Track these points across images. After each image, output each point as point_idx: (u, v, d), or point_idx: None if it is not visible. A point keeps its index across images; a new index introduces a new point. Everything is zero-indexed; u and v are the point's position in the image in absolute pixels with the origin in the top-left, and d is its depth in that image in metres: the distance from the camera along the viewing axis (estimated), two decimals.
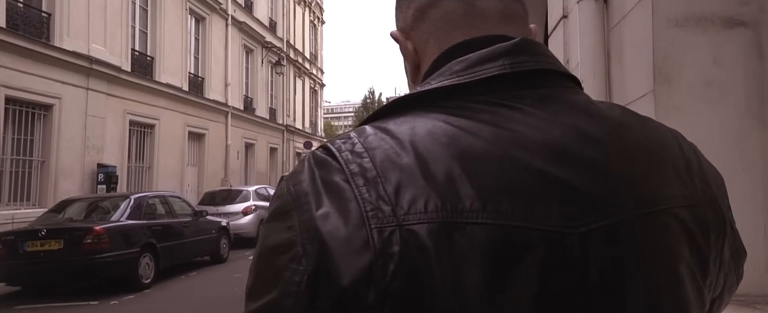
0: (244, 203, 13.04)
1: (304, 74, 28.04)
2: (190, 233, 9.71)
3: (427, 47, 0.65)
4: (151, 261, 8.46)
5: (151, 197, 9.54)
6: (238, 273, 9.61)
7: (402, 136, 0.53)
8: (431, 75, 0.60)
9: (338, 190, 0.51)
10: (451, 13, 0.63)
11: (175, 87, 15.49)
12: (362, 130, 0.55)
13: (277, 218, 0.53)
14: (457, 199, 0.48)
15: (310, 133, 28.61)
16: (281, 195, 0.54)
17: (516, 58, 0.57)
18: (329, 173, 0.52)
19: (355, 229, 0.48)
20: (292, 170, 0.57)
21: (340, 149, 0.53)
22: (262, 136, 22.15)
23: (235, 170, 19.05)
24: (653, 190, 0.54)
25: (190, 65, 16.90)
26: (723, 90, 1.87)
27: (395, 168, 0.50)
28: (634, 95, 2.08)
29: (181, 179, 15.82)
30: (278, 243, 0.51)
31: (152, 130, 14.64)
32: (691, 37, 1.88)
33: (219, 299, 7.71)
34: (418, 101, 0.57)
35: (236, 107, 19.39)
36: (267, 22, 22.76)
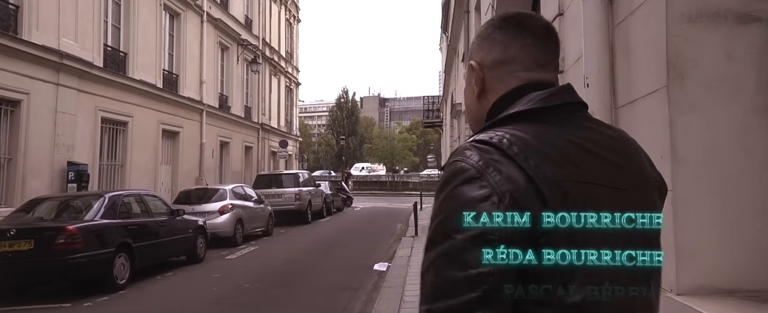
0: (220, 201, 12.81)
1: (279, 73, 27.76)
2: (167, 233, 9.49)
3: (495, 83, 1.01)
4: (126, 261, 8.22)
5: (126, 195, 9.28)
6: (216, 273, 9.43)
7: (527, 135, 0.88)
8: (514, 101, 0.96)
9: (505, 164, 0.85)
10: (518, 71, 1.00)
11: (149, 84, 15.14)
12: (500, 131, 0.90)
13: (468, 182, 0.84)
14: (567, 169, 0.87)
15: (285, 132, 28.34)
16: (463, 169, 0.85)
17: (571, 95, 0.97)
18: (494, 154, 0.86)
19: (527, 182, 0.84)
20: (457, 155, 0.88)
21: (499, 141, 0.87)
22: (238, 134, 21.85)
23: (210, 169, 18.74)
24: (644, 170, 0.97)
25: (165, 62, 16.54)
26: (735, 86, 1.88)
27: (532, 152, 0.86)
28: (643, 91, 2.07)
29: (155, 177, 15.46)
30: (477, 196, 0.83)
31: (125, 127, 14.28)
32: (704, 32, 1.89)
33: (196, 300, 7.54)
34: (520, 117, 0.93)
35: (211, 105, 19.07)
36: (243, 20, 22.46)
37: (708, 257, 1.86)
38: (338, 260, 10.72)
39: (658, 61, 1.95)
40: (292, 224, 16.91)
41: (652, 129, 1.96)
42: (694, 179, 1.88)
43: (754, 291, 1.86)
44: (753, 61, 1.88)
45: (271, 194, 16.73)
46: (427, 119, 33.46)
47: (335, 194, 23.66)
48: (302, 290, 7.97)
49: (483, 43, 1.03)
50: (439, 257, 0.83)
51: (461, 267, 0.80)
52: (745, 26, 1.89)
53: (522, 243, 0.80)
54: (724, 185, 1.88)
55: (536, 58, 0.99)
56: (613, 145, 0.94)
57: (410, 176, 49.99)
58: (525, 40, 0.99)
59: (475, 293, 0.78)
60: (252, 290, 8.04)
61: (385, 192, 42.73)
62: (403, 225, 17.02)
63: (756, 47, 1.89)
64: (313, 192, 19.06)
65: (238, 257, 11.35)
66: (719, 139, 1.88)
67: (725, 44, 1.89)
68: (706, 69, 1.89)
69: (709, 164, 1.88)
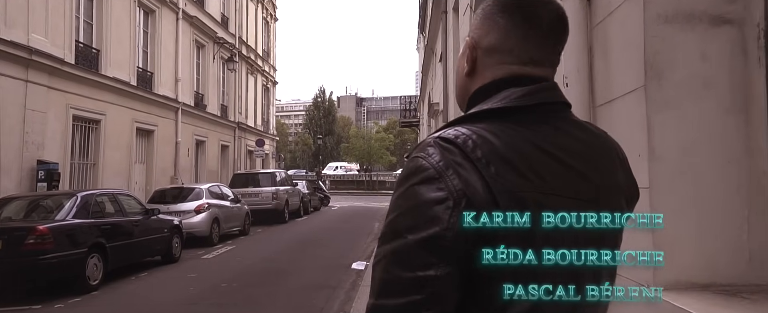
0: (196, 201, 12.66)
1: (256, 71, 27.51)
2: (141, 232, 9.33)
3: (484, 69, 0.96)
4: (99, 262, 8.06)
5: (100, 195, 9.10)
6: (192, 273, 9.31)
7: (494, 138, 0.85)
8: (493, 94, 0.92)
9: (466, 167, 0.82)
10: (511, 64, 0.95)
11: (123, 81, 14.85)
12: (466, 129, 0.86)
13: (427, 182, 0.82)
14: (529, 179, 0.84)
15: (262, 131, 28.11)
16: (424, 167, 0.83)
17: (551, 94, 0.94)
18: (456, 156, 0.83)
19: (484, 190, 0.82)
20: (420, 150, 0.86)
21: (464, 142, 0.84)
22: (214, 133, 21.59)
23: (185, 168, 18.47)
24: (614, 178, 0.95)
25: (139, 59, 16.24)
26: (709, 86, 1.94)
27: (496, 157, 0.83)
28: (621, 91, 2.12)
29: (129, 176, 15.18)
30: (433, 198, 0.81)
31: (98, 125, 13.98)
32: (680, 33, 1.94)
33: (171, 301, 7.44)
34: (492, 114, 0.89)
35: (187, 103, 18.80)
36: (219, 18, 22.20)
37: (684, 252, 1.92)
38: (316, 258, 10.69)
39: (635, 61, 2.00)
40: (269, 223, 16.80)
41: (629, 128, 2.01)
42: (669, 177, 1.94)
43: (727, 285, 1.92)
44: (725, 62, 1.94)
45: (247, 193, 16.58)
46: (404, 119, 33.55)
47: (312, 193, 23.58)
48: (280, 289, 7.93)
49: (484, 22, 0.96)
50: (388, 253, 0.82)
51: (409, 268, 0.79)
52: (718, 28, 1.95)
53: (472, 246, 0.79)
54: (699, 182, 1.94)
55: (533, 54, 0.93)
56: (585, 151, 0.91)
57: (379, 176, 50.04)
58: (527, 32, 0.93)
59: (421, 295, 0.78)
60: (229, 289, 7.97)
61: (362, 191, 42.72)
62: (381, 224, 17.04)
63: (728, 48, 1.95)
64: (290, 191, 18.96)
65: (215, 256, 11.23)
66: (694, 137, 1.93)
67: (700, 45, 1.94)
68: (681, 69, 1.94)
69: (684, 162, 1.94)
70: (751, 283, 1.92)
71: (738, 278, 1.93)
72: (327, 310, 6.73)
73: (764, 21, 1.94)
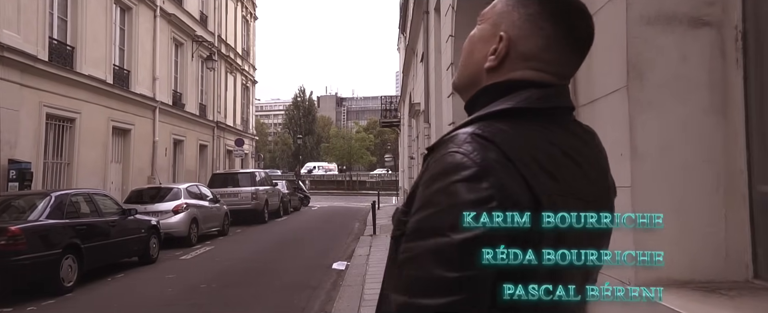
0: (174, 201, 12.48)
1: (235, 70, 27.24)
2: (117, 233, 9.17)
3: (512, 69, 0.93)
4: (74, 263, 7.89)
5: (75, 195, 8.91)
6: (170, 274, 9.18)
7: (524, 139, 0.85)
8: (509, 93, 0.91)
9: (507, 167, 0.81)
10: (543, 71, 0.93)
11: (99, 79, 14.56)
12: (497, 126, 0.86)
13: (469, 180, 0.80)
14: (557, 181, 0.86)
15: (241, 130, 27.84)
16: (465, 164, 0.81)
17: (565, 99, 0.95)
18: (496, 155, 0.81)
19: (527, 191, 0.81)
20: (455, 145, 0.83)
21: (502, 140, 0.83)
22: (192, 132, 21.30)
23: (162, 167, 18.19)
24: (607, 180, 0.98)
25: (115, 57, 15.93)
26: (690, 87, 1.98)
27: (531, 158, 0.84)
28: (604, 91, 2.15)
29: (104, 176, 14.89)
30: (479, 198, 0.79)
31: (72, 124, 13.68)
32: (661, 35, 1.98)
33: (148, 302, 7.32)
34: (514, 114, 0.89)
35: (165, 102, 18.52)
36: (198, 16, 21.91)
37: (664, 250, 1.95)
38: (296, 259, 10.62)
39: (618, 61, 2.03)
40: (249, 223, 16.65)
41: (612, 127, 2.04)
42: (651, 175, 1.97)
43: (705, 282, 1.96)
44: (705, 63, 1.99)
45: (227, 193, 16.43)
46: (384, 119, 33.54)
47: (292, 193, 23.47)
48: (260, 289, 7.86)
49: (526, 23, 0.92)
50: (426, 252, 0.79)
51: (453, 267, 0.77)
52: (698, 30, 1.99)
53: (517, 247, 0.79)
54: (679, 181, 1.98)
55: (566, 71, 0.95)
56: (589, 153, 0.94)
57: (359, 176, 50.01)
58: (565, 47, 0.92)
59: (463, 295, 0.77)
60: (208, 290, 7.87)
61: (342, 191, 42.63)
62: (361, 224, 17.03)
63: (707, 50, 1.99)
64: (270, 191, 18.83)
65: (193, 257, 11.09)
66: (674, 136, 1.97)
67: (680, 46, 1.98)
68: (662, 70, 1.98)
69: (664, 161, 1.97)
70: (728, 279, 1.97)
71: (716, 275, 1.97)
72: (308, 310, 6.69)
73: (742, 23, 1.99)
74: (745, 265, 2.00)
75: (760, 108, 1.97)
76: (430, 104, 10.01)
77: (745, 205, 1.97)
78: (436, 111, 9.18)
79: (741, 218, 1.98)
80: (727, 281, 1.96)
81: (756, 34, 1.98)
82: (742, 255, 2.00)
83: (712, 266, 1.96)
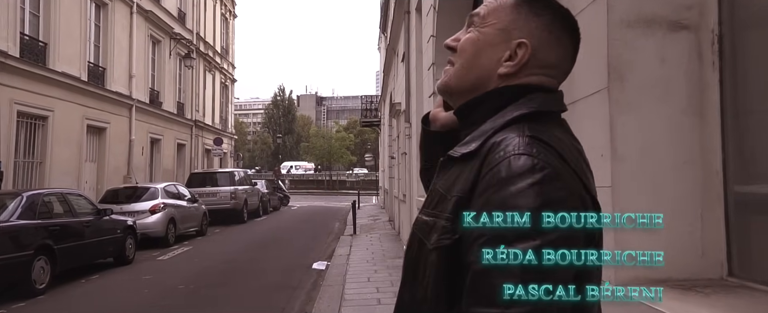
0: (151, 200, 12.29)
1: (214, 68, 26.94)
2: (92, 233, 8.99)
3: (525, 75, 0.94)
4: (46, 264, 7.72)
5: (48, 194, 8.71)
6: (147, 275, 9.03)
7: (559, 141, 0.88)
8: (516, 96, 0.93)
9: (567, 168, 0.85)
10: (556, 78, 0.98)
11: (73, 76, 14.26)
12: (537, 128, 0.88)
13: (547, 181, 0.81)
14: (591, 181, 0.93)
15: (220, 129, 27.55)
16: (540, 166, 0.82)
17: (564, 103, 0.99)
18: (554, 156, 0.84)
19: (585, 190, 0.87)
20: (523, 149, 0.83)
21: (556, 144, 0.86)
22: (170, 131, 21.00)
23: (139, 167, 17.89)
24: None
25: (90, 54, 15.62)
26: (668, 88, 2.01)
27: (576, 161, 0.89)
28: (585, 92, 2.18)
29: (79, 175, 14.59)
30: (559, 197, 0.82)
31: (45, 122, 13.37)
32: (641, 38, 2.01)
33: (124, 304, 7.19)
34: (546, 116, 0.92)
35: (141, 100, 18.22)
36: (176, 13, 21.61)
37: (643, 249, 1.98)
38: (276, 259, 10.55)
39: (599, 63, 2.06)
40: (228, 223, 16.50)
41: (593, 129, 2.06)
42: (630, 176, 2.00)
43: (682, 280, 2.00)
44: (683, 66, 2.02)
45: (205, 193, 16.25)
46: (364, 118, 33.50)
47: (272, 193, 23.31)
48: (239, 290, 7.78)
49: (545, 32, 0.93)
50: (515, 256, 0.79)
51: (546, 271, 0.77)
52: (676, 33, 2.02)
53: (589, 245, 0.83)
54: (658, 182, 2.01)
55: (564, 78, 1.01)
56: (583, 154, 1.00)
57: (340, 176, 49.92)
58: (573, 56, 0.99)
59: (558, 294, 0.78)
60: (186, 291, 7.77)
61: (322, 191, 42.49)
62: (341, 224, 16.99)
63: (685, 52, 2.03)
64: (249, 191, 18.68)
65: (171, 257, 10.94)
66: (653, 137, 2.00)
67: (659, 49, 2.01)
68: (642, 72, 2.01)
69: (644, 162, 2.00)
70: (704, 277, 2.01)
71: (692, 273, 2.00)
72: (288, 310, 6.65)
73: (718, 27, 2.03)
74: (720, 263, 2.04)
75: (734, 110, 2.01)
76: (411, 104, 10.03)
77: (720, 205, 2.02)
78: (417, 111, 9.20)
79: (716, 218, 2.03)
80: (703, 279, 2.00)
81: (731, 37, 2.02)
82: (717, 254, 2.04)
83: (689, 265, 2.00)
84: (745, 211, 2.00)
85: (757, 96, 1.97)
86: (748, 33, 1.99)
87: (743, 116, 1.97)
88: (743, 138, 1.98)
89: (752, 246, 2.01)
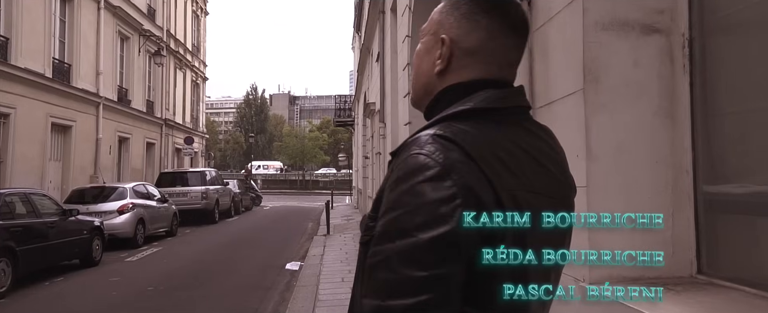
0: (120, 200, 11.99)
1: (185, 66, 26.46)
2: (56, 234, 8.72)
3: (461, 68, 0.95)
4: (7, 267, 7.45)
5: (9, 194, 8.41)
6: (115, 276, 8.81)
7: (486, 137, 0.87)
8: (469, 93, 0.93)
9: (469, 166, 0.83)
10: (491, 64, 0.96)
11: (36, 73, 13.81)
12: (458, 126, 0.87)
13: (434, 179, 0.81)
14: (519, 178, 0.88)
15: (191, 128, 27.09)
16: (428, 164, 0.82)
17: (522, 98, 0.97)
18: (458, 154, 0.83)
19: (489, 189, 0.83)
20: (418, 147, 0.85)
21: (462, 140, 0.85)
22: (139, 130, 20.54)
23: (106, 166, 17.44)
24: (569, 177, 1.00)
25: (55, 50, 15.17)
26: (641, 90, 2.06)
27: (493, 156, 0.86)
28: (561, 93, 2.21)
29: (42, 174, 14.15)
30: (443, 196, 0.80)
31: (6, 120, 12.93)
32: (616, 40, 2.05)
33: (91, 307, 6.99)
34: (476, 114, 0.91)
35: (109, 98, 17.77)
36: (145, 9, 21.15)
37: (616, 248, 2.02)
38: (248, 259, 10.42)
39: (574, 65, 2.09)
40: (199, 223, 16.23)
41: (568, 129, 2.10)
42: (605, 176, 2.03)
43: (654, 278, 2.04)
44: (655, 68, 2.07)
45: (175, 193, 15.94)
46: (338, 118, 33.40)
47: (244, 193, 23.02)
48: (211, 291, 7.66)
49: (462, 21, 0.95)
50: (395, 254, 0.80)
51: (421, 267, 0.78)
52: (649, 36, 2.07)
53: (482, 244, 0.81)
54: (631, 181, 2.05)
55: (511, 57, 0.97)
56: (552, 154, 0.97)
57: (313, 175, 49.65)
58: (507, 33, 0.96)
59: (432, 294, 0.78)
60: (156, 293, 7.60)
61: (295, 191, 42.18)
62: (315, 224, 16.89)
63: (657, 56, 2.08)
64: (220, 191, 18.41)
65: (140, 259, 10.69)
66: (627, 138, 2.05)
67: (633, 52, 2.06)
68: (616, 74, 2.05)
69: (618, 162, 2.04)
70: (674, 276, 2.06)
71: (663, 271, 2.05)
72: (261, 311, 6.57)
73: (688, 31, 2.09)
74: (690, 261, 2.10)
75: (703, 112, 2.07)
76: (386, 104, 10.03)
77: (690, 204, 2.07)
78: (392, 111, 9.21)
79: (686, 217, 2.08)
80: (674, 277, 2.05)
81: (701, 41, 2.08)
82: (687, 252, 2.10)
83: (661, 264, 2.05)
84: (713, 210, 2.06)
85: (726, 99, 2.03)
86: (717, 37, 2.05)
87: (712, 118, 2.03)
88: (712, 139, 2.04)
89: (720, 244, 2.07)
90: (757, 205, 1.90)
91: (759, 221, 1.92)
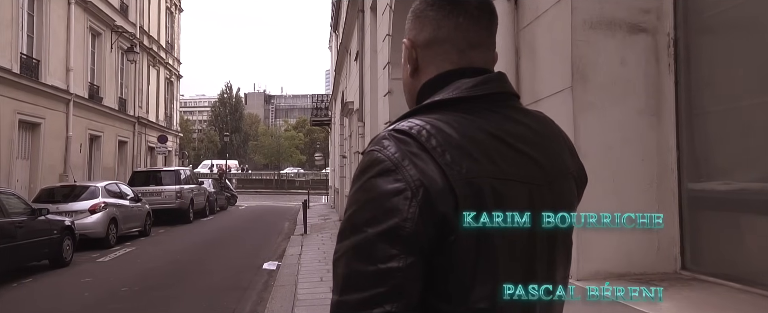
0: (91, 200, 11.70)
1: (159, 64, 25.98)
2: (25, 234, 8.46)
3: (428, 64, 0.98)
4: None
5: None
6: (86, 277, 8.59)
7: (448, 127, 0.86)
8: (442, 87, 0.93)
9: (422, 157, 0.82)
10: (450, 52, 0.96)
11: (2, 68, 13.39)
12: (420, 120, 0.87)
13: (383, 174, 0.82)
14: (484, 166, 0.85)
15: (164, 126, 26.61)
16: (379, 159, 0.83)
17: (501, 84, 0.95)
18: (411, 147, 0.83)
19: (441, 179, 0.81)
20: (375, 144, 0.86)
21: (418, 132, 0.85)
22: (110, 128, 20.08)
23: (77, 165, 17.00)
24: (564, 163, 0.98)
25: (22, 44, 14.71)
26: (627, 89, 2.09)
27: (451, 146, 0.84)
28: (549, 91, 2.23)
29: (9, 173, 13.72)
30: (391, 189, 0.81)
31: None
32: (603, 39, 2.07)
33: (62, 309, 6.80)
34: (444, 105, 0.91)
35: (80, 95, 17.33)
36: (118, 5, 20.68)
37: (603, 245, 2.05)
38: (224, 259, 10.28)
39: (562, 63, 2.11)
40: (173, 223, 15.95)
41: None
42: (592, 174, 2.04)
43: (639, 274, 2.08)
44: (641, 67, 2.10)
45: (149, 192, 15.64)
46: (315, 117, 33.21)
47: (219, 192, 22.73)
48: (187, 291, 7.53)
49: (416, 21, 0.99)
50: (349, 249, 0.81)
51: (371, 261, 0.79)
52: (636, 36, 2.10)
53: (433, 239, 0.81)
54: (618, 178, 2.08)
55: (469, 38, 0.96)
56: (535, 139, 0.94)
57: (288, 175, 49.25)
58: (457, 18, 0.95)
59: (384, 287, 0.78)
60: (130, 294, 7.43)
61: (271, 190, 41.81)
62: (291, 223, 16.76)
63: (643, 54, 2.11)
64: (195, 190, 18.13)
65: (112, 259, 10.45)
66: (614, 136, 2.07)
67: (620, 51, 2.08)
68: (604, 72, 2.07)
69: (605, 159, 2.07)
70: (659, 271, 2.09)
71: (649, 267, 2.09)
72: (239, 311, 6.48)
73: (674, 31, 2.12)
74: (674, 257, 2.14)
75: (688, 110, 2.11)
76: (365, 103, 10.01)
77: (675, 201, 2.11)
78: (371, 110, 9.19)
79: (671, 214, 2.12)
80: (659, 272, 2.08)
81: (686, 41, 2.12)
82: (671, 249, 2.13)
83: (646, 259, 2.08)
84: (697, 207, 2.10)
85: (710, 98, 2.07)
86: (702, 37, 2.09)
87: (696, 117, 2.07)
88: (696, 137, 2.08)
89: (703, 241, 2.11)
90: (740, 202, 1.94)
91: (742, 218, 1.96)
